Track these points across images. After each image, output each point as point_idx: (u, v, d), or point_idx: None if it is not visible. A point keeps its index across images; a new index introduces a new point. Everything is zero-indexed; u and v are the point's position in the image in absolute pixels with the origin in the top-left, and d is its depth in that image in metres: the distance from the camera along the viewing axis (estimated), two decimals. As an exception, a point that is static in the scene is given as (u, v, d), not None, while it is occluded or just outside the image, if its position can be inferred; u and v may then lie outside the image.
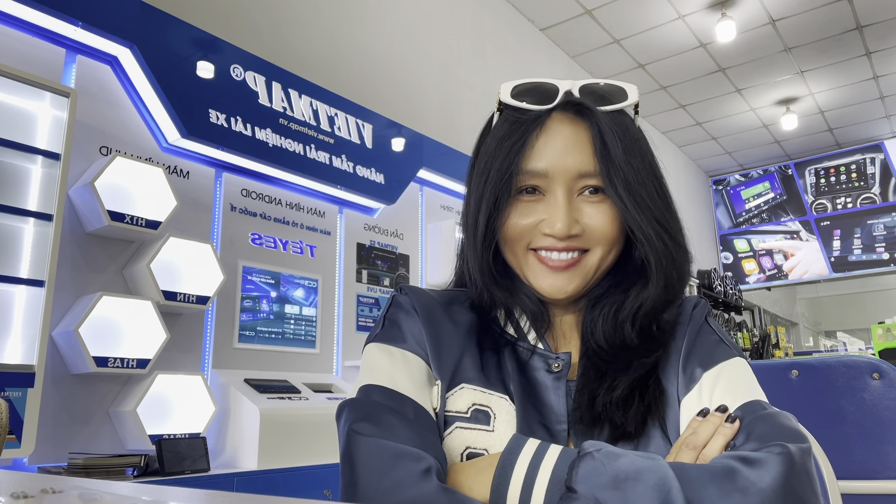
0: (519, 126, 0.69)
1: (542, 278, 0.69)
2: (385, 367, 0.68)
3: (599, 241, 0.68)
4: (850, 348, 10.08)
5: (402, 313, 0.73)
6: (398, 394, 0.66)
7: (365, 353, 0.72)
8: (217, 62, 2.47)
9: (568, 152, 0.67)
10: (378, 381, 0.67)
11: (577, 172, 0.67)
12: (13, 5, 1.92)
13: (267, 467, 2.10)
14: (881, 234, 6.82)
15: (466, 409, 0.67)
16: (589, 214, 0.68)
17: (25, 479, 0.47)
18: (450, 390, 0.68)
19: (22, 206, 1.87)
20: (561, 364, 0.69)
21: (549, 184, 0.68)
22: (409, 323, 0.72)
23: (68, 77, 2.10)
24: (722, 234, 7.88)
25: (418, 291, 0.76)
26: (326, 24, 3.26)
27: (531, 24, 4.95)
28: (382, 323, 0.74)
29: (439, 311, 0.73)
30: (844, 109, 6.59)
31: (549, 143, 0.68)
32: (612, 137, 0.67)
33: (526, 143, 0.68)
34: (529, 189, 0.69)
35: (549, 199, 0.68)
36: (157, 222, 2.11)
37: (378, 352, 0.71)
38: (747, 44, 5.32)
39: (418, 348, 0.70)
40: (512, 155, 0.68)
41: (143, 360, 2.01)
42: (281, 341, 2.62)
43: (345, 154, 2.93)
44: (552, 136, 0.68)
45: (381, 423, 0.62)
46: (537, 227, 0.68)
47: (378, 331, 0.73)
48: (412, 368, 0.69)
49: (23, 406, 1.69)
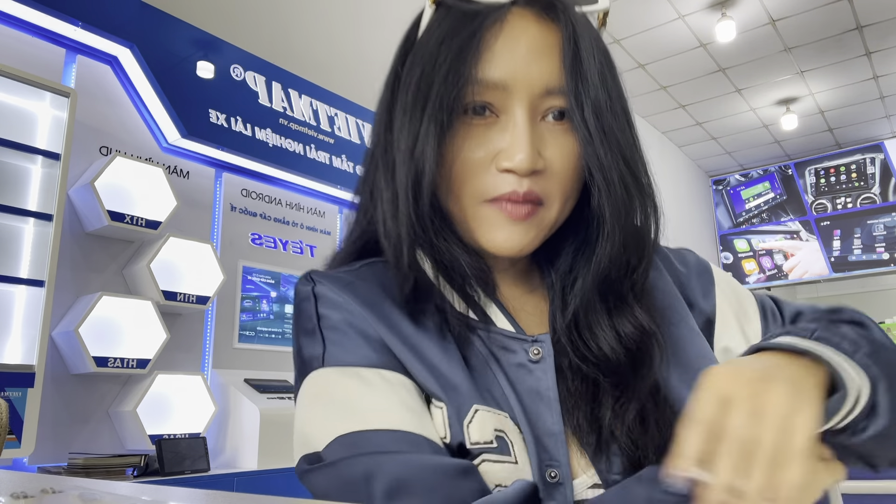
0: (469, 21, 0.51)
1: (496, 230, 0.52)
2: (361, 398, 0.48)
3: (560, 186, 0.53)
4: (850, 348, 10.05)
5: (338, 313, 0.53)
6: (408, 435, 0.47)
7: (313, 386, 0.51)
8: (217, 62, 2.47)
9: (533, 59, 0.51)
10: (364, 423, 0.47)
11: (543, 87, 0.51)
12: (13, 5, 1.92)
13: (267, 467, 2.10)
14: (881, 234, 6.82)
15: (492, 438, 0.49)
16: (552, 147, 0.52)
17: (25, 479, 0.47)
18: (466, 415, 0.49)
19: (22, 206, 1.87)
20: (540, 351, 0.53)
21: (507, 100, 0.51)
22: (359, 325, 0.52)
23: (68, 77, 2.10)
24: (722, 234, 7.89)
25: (333, 276, 0.55)
26: (326, 25, 3.26)
27: (531, 24, 4.95)
28: (320, 335, 0.52)
29: (381, 298, 0.53)
30: (844, 109, 6.59)
31: (510, 45, 0.51)
32: (588, 45, 0.52)
33: (480, 43, 0.50)
34: (478, 108, 0.51)
35: (504, 121, 0.51)
36: (157, 222, 2.11)
37: (340, 378, 0.50)
38: (747, 44, 5.32)
39: (391, 361, 0.51)
40: (462, 59, 0.50)
41: (143, 360, 2.00)
42: (281, 341, 2.62)
43: (345, 154, 2.93)
44: (514, 36, 0.51)
45: (432, 496, 0.43)
46: (493, 160, 0.51)
47: (320, 350, 0.51)
48: (402, 392, 0.50)
49: (23, 406, 1.69)
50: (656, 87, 5.97)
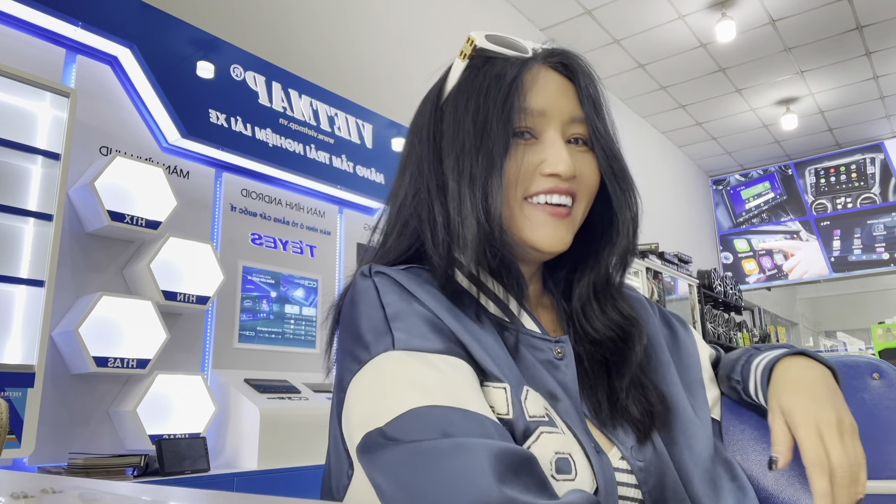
0: (509, 68, 0.65)
1: (542, 228, 0.64)
2: (436, 380, 0.53)
3: (586, 190, 0.67)
4: (850, 348, 10.07)
5: (403, 303, 0.59)
6: (476, 415, 0.51)
7: (377, 369, 0.54)
8: (217, 62, 2.47)
9: (560, 95, 0.66)
10: (434, 401, 0.51)
11: (569, 116, 0.66)
12: (13, 5, 1.92)
13: (267, 467, 2.10)
14: (881, 234, 6.82)
15: (544, 413, 0.58)
16: (579, 162, 0.66)
17: (25, 479, 0.47)
18: (521, 393, 0.58)
19: (22, 206, 1.87)
20: (563, 350, 0.65)
21: (545, 125, 0.65)
22: (423, 313, 0.58)
23: (68, 77, 2.10)
24: (722, 234, 7.88)
25: (392, 270, 0.62)
26: (326, 25, 3.26)
27: (531, 24, 4.95)
28: (385, 322, 0.57)
29: (434, 293, 0.61)
30: (844, 109, 6.59)
31: (543, 85, 0.66)
32: (595, 89, 0.68)
33: (523, 82, 0.64)
34: (522, 132, 0.64)
35: (544, 141, 0.65)
36: (157, 222, 2.11)
37: (409, 361, 0.54)
38: (747, 44, 5.32)
39: (456, 348, 0.57)
40: (512, 93, 0.63)
41: (143, 360, 2.00)
42: (281, 341, 2.62)
43: (345, 154, 2.93)
44: (544, 79, 0.66)
45: (532, 472, 0.48)
46: (536, 169, 0.64)
47: (387, 336, 0.56)
48: (466, 375, 0.55)
49: (23, 406, 1.69)
50: (656, 87, 5.97)
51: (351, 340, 0.58)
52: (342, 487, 0.60)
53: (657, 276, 5.53)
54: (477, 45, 0.66)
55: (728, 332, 6.66)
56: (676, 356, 0.75)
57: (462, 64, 0.67)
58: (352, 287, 0.63)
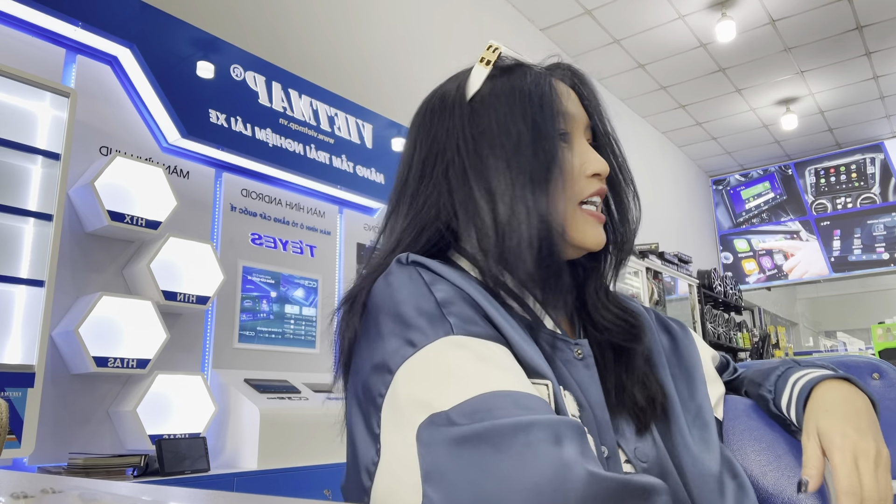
0: (538, 75, 0.68)
1: (591, 228, 0.67)
2: (496, 366, 0.53)
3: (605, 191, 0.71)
4: (850, 348, 10.07)
5: (451, 289, 0.58)
6: (538, 399, 0.51)
7: (444, 352, 0.53)
8: (217, 62, 2.47)
9: (577, 102, 0.71)
10: (504, 384, 0.50)
11: (585, 122, 0.70)
12: (13, 5, 1.92)
13: (267, 467, 2.10)
14: (881, 234, 6.82)
15: (577, 411, 0.60)
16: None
17: (25, 479, 0.47)
18: (560, 391, 0.58)
19: (22, 206, 1.87)
20: (582, 351, 0.65)
21: (575, 128, 0.69)
22: (470, 302, 0.58)
23: (68, 77, 2.10)
24: (722, 234, 7.88)
25: (429, 261, 0.61)
26: (326, 25, 3.26)
27: (531, 24, 4.95)
28: (438, 308, 0.56)
29: (473, 283, 0.60)
30: (844, 109, 6.59)
31: (565, 92, 0.70)
32: (600, 97, 0.73)
33: (556, 89, 0.67)
34: (562, 134, 0.67)
35: (575, 145, 0.68)
36: (157, 222, 2.11)
37: (473, 345, 0.54)
38: (747, 44, 5.32)
39: (499, 336, 0.57)
40: (553, 97, 0.66)
41: (143, 360, 2.01)
42: (281, 341, 2.62)
43: (345, 154, 2.93)
44: (564, 87, 0.71)
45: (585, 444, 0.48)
46: (580, 171, 0.67)
47: (442, 321, 0.55)
48: (517, 367, 0.55)
49: (23, 406, 1.69)
50: (656, 87, 5.97)
51: (397, 325, 0.56)
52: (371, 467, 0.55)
53: (657, 276, 5.53)
54: (502, 52, 0.68)
55: (728, 332, 6.65)
56: (677, 362, 0.76)
57: (485, 70, 0.68)
58: (387, 274, 0.61)
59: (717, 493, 0.63)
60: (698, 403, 0.71)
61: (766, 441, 0.71)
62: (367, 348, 0.58)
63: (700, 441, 0.67)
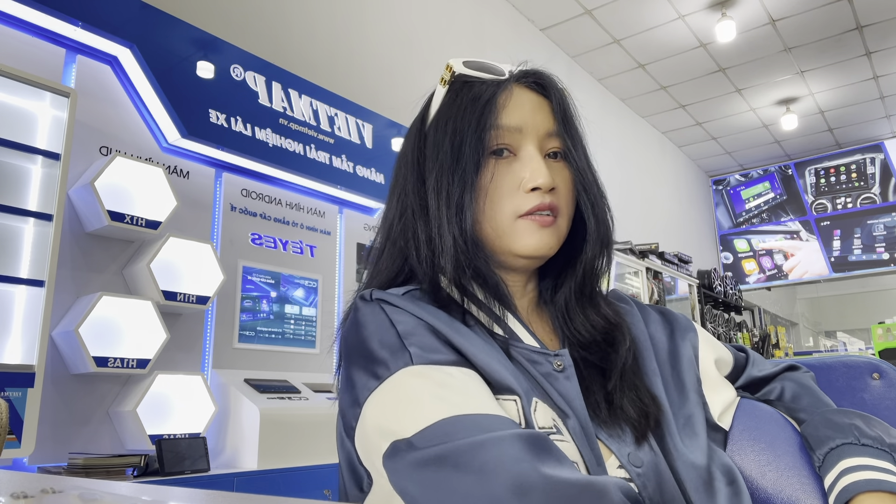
0: (486, 89, 0.69)
1: (531, 235, 0.66)
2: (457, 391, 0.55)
3: (566, 202, 0.70)
4: (850, 348, 10.08)
5: (412, 321, 0.61)
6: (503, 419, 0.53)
7: (397, 385, 0.56)
8: (217, 62, 2.47)
9: (536, 112, 0.69)
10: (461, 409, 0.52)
11: (545, 131, 0.69)
12: (13, 5, 1.92)
13: (267, 467, 2.10)
14: (881, 234, 6.82)
15: (552, 424, 0.60)
16: (557, 175, 0.69)
17: (25, 479, 0.47)
18: (530, 405, 0.60)
19: (22, 206, 1.87)
20: (563, 363, 0.66)
21: (521, 141, 0.68)
22: (431, 330, 0.61)
23: (68, 77, 2.10)
24: (722, 234, 7.89)
25: (391, 293, 0.65)
26: (326, 25, 3.26)
27: (531, 24, 4.95)
28: (399, 340, 0.59)
29: (432, 310, 0.63)
30: (844, 109, 6.59)
31: (519, 103, 0.69)
32: (570, 106, 0.72)
33: (497, 102, 0.68)
34: (499, 150, 0.68)
35: (522, 157, 0.68)
36: (157, 222, 2.11)
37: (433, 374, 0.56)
38: (747, 44, 5.32)
39: (463, 360, 0.59)
40: (487, 112, 0.67)
41: (143, 360, 2.01)
42: (281, 341, 2.62)
43: (345, 154, 2.93)
44: (520, 98, 0.70)
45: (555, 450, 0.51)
46: (520, 187, 0.67)
47: (403, 352, 0.58)
48: (484, 387, 0.57)
49: (23, 406, 1.70)
50: (656, 87, 5.97)
51: (363, 360, 0.60)
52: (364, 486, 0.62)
53: (657, 276, 5.53)
54: (455, 71, 0.70)
55: (728, 332, 6.66)
56: (671, 367, 0.74)
57: (443, 90, 0.71)
58: (353, 312, 0.65)
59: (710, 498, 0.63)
60: (688, 413, 0.69)
61: (765, 441, 0.71)
62: (344, 384, 0.62)
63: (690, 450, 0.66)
